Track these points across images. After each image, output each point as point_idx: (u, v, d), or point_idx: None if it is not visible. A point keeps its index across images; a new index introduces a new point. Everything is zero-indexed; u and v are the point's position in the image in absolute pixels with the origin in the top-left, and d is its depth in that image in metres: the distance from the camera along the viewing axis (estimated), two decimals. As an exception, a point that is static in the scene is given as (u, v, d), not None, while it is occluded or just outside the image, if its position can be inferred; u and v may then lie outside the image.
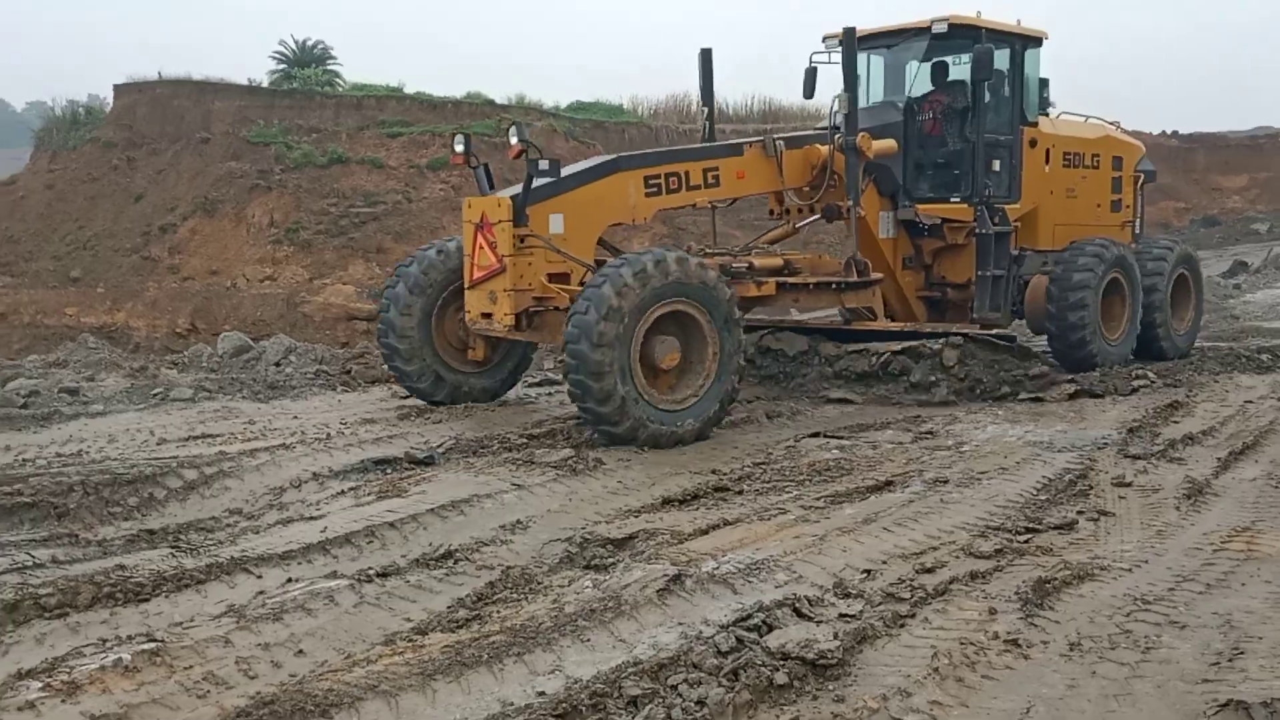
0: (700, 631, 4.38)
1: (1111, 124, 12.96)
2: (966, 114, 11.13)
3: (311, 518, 6.23)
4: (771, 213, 11.25)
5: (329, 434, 8.31)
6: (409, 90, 30.15)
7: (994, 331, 10.51)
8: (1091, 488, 6.69)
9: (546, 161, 8.63)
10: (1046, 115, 11.99)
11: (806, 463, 7.29)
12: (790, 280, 9.67)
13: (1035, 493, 6.57)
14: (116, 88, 29.03)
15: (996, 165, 11.23)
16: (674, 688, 3.90)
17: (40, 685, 3.98)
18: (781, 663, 4.06)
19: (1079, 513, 6.12)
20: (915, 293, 11.55)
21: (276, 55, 35.53)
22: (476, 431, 8.42)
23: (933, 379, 9.82)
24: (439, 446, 7.87)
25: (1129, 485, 6.72)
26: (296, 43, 35.64)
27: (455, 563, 5.43)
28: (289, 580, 5.19)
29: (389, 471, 7.28)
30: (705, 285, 8.15)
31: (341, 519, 6.16)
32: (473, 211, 8.80)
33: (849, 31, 10.04)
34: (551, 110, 30.73)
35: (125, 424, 8.73)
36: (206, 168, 26.16)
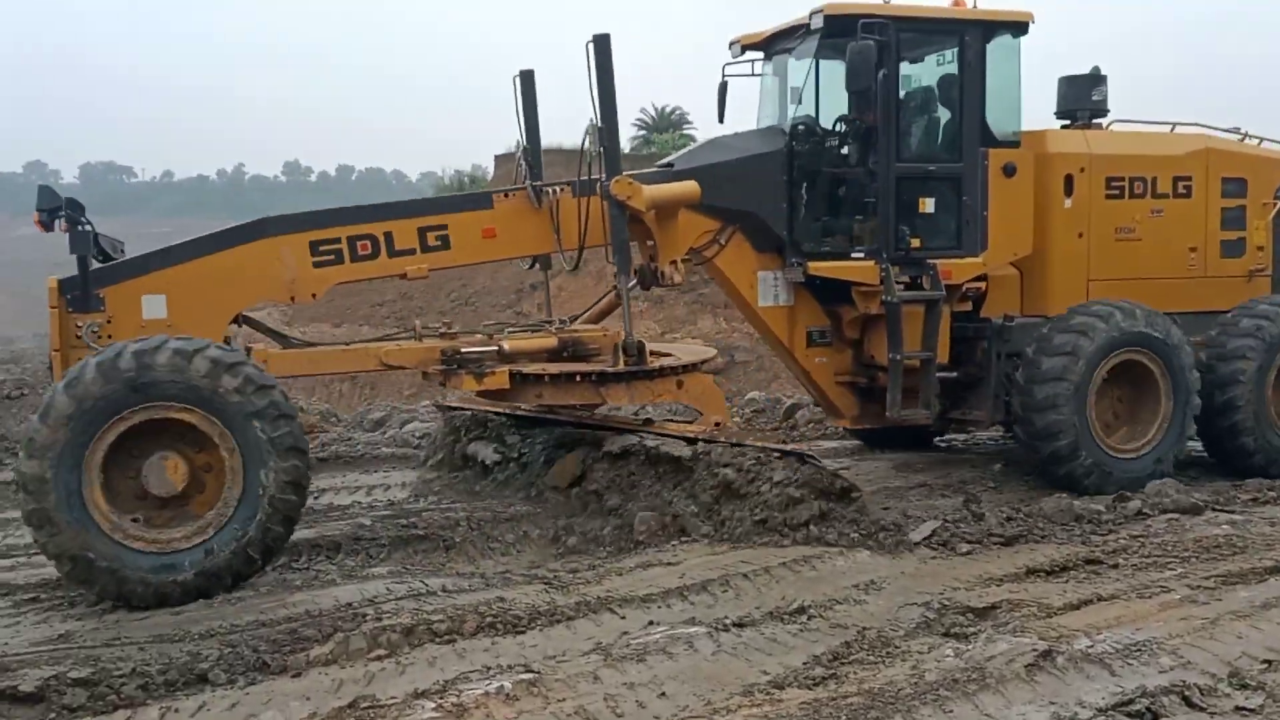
0: (1075, 714, 4.12)
1: (1230, 131, 9.44)
2: (870, 137, 8.26)
3: (669, 563, 6.43)
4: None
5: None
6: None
7: (788, 446, 7.29)
8: None
9: (85, 228, 6.56)
10: (1092, 125, 9.08)
11: (1192, 538, 6.68)
12: (525, 371, 7.30)
13: None
14: (497, 157, 31.89)
15: (928, 205, 8.31)
16: (1047, 770, 3.68)
17: (433, 706, 4.35)
18: (1170, 755, 3.73)
19: None
20: (834, 378, 8.63)
21: (638, 122, 37.64)
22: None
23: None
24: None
25: None
26: (656, 109, 37.58)
27: (809, 619, 5.41)
28: (650, 623, 5.38)
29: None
30: (202, 387, 5.94)
31: (698, 566, 6.32)
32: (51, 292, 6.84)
33: (600, 40, 7.22)
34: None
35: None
36: (573, 229, 28.01)
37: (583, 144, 7.48)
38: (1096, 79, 9.13)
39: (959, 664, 4.65)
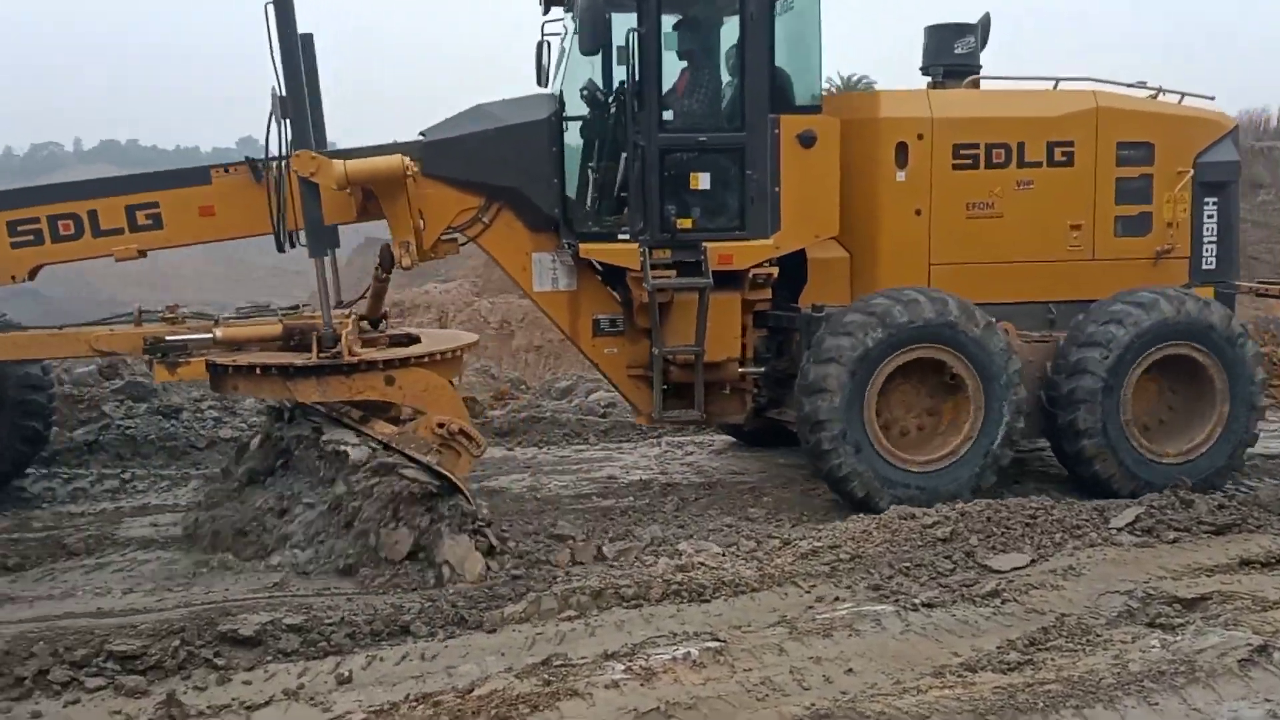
0: (1295, 713, 3.87)
1: (1136, 86, 7.88)
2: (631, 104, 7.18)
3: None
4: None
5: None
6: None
7: (430, 461, 6.14)
8: None
9: None
10: (946, 84, 7.81)
11: None
12: (220, 362, 6.56)
13: None
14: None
15: (702, 181, 7.25)
16: (1263, 772, 3.49)
17: (623, 668, 4.45)
18: (1404, 766, 3.47)
19: None
20: (626, 371, 7.57)
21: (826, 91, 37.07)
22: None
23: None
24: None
25: None
26: (842, 78, 36.89)
27: (1002, 602, 5.27)
28: (836, 599, 5.35)
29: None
30: None
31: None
32: None
33: (280, 1, 6.37)
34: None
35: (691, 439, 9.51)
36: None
37: (269, 116, 6.69)
38: (961, 29, 7.80)
39: (1165, 655, 4.44)
